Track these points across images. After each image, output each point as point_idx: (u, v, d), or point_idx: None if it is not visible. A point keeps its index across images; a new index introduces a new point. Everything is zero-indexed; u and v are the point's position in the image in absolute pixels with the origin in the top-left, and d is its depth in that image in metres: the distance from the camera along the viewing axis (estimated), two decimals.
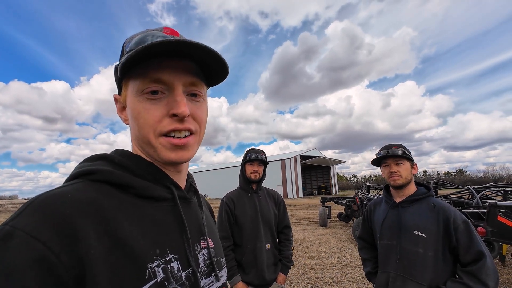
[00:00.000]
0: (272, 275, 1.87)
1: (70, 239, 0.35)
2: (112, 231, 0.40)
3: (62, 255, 0.34)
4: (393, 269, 1.45)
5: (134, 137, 0.52)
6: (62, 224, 0.36)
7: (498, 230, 3.50)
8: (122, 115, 0.54)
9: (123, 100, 0.52)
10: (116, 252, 0.39)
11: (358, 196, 8.04)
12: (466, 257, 1.30)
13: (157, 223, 0.47)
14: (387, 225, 1.53)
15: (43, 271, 0.32)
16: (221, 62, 0.48)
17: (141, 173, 0.49)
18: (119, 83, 0.51)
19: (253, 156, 1.95)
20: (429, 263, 1.35)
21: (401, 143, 1.55)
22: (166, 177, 0.52)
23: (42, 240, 0.33)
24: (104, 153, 0.50)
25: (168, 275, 0.44)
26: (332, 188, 44.81)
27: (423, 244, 1.37)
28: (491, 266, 1.26)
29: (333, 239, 7.18)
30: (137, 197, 0.47)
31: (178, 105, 0.45)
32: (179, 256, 0.47)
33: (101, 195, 0.43)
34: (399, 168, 1.49)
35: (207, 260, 0.55)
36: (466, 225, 1.34)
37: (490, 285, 1.23)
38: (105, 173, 0.45)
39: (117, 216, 0.42)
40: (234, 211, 1.93)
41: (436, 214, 1.40)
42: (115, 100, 0.55)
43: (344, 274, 4.43)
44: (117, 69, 0.46)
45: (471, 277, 1.26)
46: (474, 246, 1.29)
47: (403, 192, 1.52)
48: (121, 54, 0.51)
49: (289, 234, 2.07)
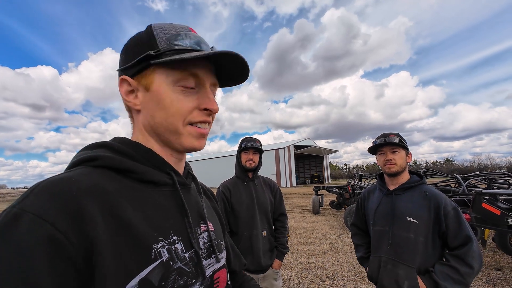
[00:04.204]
0: (268, 261, 1.92)
1: (77, 218, 0.36)
2: (117, 213, 0.41)
3: (69, 234, 0.35)
4: (385, 254, 1.50)
5: (149, 124, 0.51)
6: (68, 204, 0.36)
7: (482, 216, 3.67)
8: (130, 99, 0.51)
9: (143, 85, 0.49)
10: (121, 233, 0.40)
11: (350, 184, 8.21)
12: (454, 242, 1.37)
13: (159, 206, 0.48)
14: (381, 212, 1.57)
15: (52, 250, 0.33)
16: (246, 72, 0.54)
17: (141, 159, 0.50)
18: (138, 67, 0.49)
19: (248, 144, 1.94)
20: (419, 248, 1.40)
21: (397, 132, 1.56)
22: (166, 164, 0.53)
23: (50, 221, 0.34)
24: (103, 141, 0.51)
25: (173, 256, 0.45)
26: (325, 177, 45.64)
27: (415, 230, 1.42)
28: (477, 250, 1.32)
29: (325, 226, 7.39)
30: (138, 181, 0.48)
31: (211, 102, 0.51)
32: (182, 238, 0.49)
33: (104, 179, 0.44)
34: (394, 156, 1.52)
35: (207, 242, 0.57)
36: (455, 211, 1.39)
37: (475, 267, 1.30)
38: (106, 158, 0.46)
39: (120, 199, 0.43)
40: (230, 199, 1.94)
41: (428, 201, 1.44)
42: (122, 82, 0.51)
43: (335, 259, 4.59)
44: (150, 56, 0.47)
45: (458, 260, 1.33)
46: (462, 231, 1.35)
47: (397, 180, 1.55)
48: (150, 41, 0.48)
49: (285, 221, 2.10)
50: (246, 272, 1.87)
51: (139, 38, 0.49)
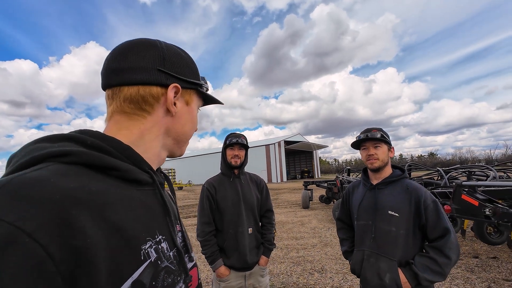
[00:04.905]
0: (255, 258, 1.91)
1: (63, 230, 0.31)
2: (107, 216, 0.38)
3: (51, 248, 0.29)
4: (368, 247, 1.53)
5: (179, 130, 0.59)
6: (52, 213, 0.31)
7: (461, 207, 3.83)
8: (172, 107, 0.58)
9: (185, 98, 0.60)
10: (113, 237, 0.38)
11: (339, 179, 8.38)
12: (433, 233, 1.40)
13: (145, 206, 0.48)
14: (364, 207, 1.59)
15: (28, 270, 0.28)
16: None
17: (119, 156, 0.46)
18: (187, 86, 0.60)
19: (233, 140, 1.91)
20: (401, 241, 1.44)
21: (380, 127, 1.57)
22: (144, 162, 0.53)
23: (28, 231, 0.28)
24: (68, 133, 0.45)
25: (160, 255, 0.46)
26: (315, 172, 46.36)
27: (396, 223, 1.45)
28: (454, 241, 1.36)
29: (314, 220, 7.52)
30: (121, 180, 0.45)
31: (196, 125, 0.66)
32: (166, 237, 0.50)
33: (86, 179, 0.39)
34: (377, 151, 1.53)
35: (182, 242, 0.59)
36: (435, 204, 1.43)
37: (452, 257, 1.34)
38: (82, 154, 0.40)
39: (108, 200, 0.40)
40: (216, 196, 1.91)
41: (409, 195, 1.47)
42: (174, 88, 0.55)
43: (324, 252, 4.68)
44: (200, 85, 0.62)
45: (436, 251, 1.37)
46: (441, 223, 1.39)
47: (379, 175, 1.57)
48: (195, 70, 0.62)
49: (271, 217, 2.10)
50: (232, 270, 1.86)
51: (188, 60, 0.60)
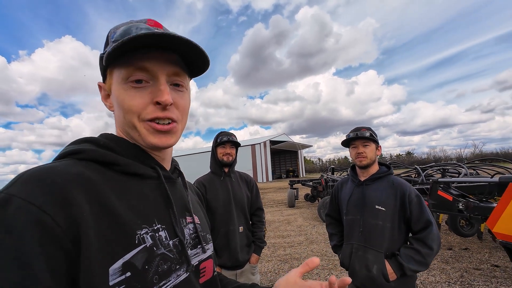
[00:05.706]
0: (246, 256, 1.91)
1: (63, 203, 0.37)
2: (101, 200, 0.42)
3: (57, 217, 0.36)
4: (356, 241, 1.59)
5: (119, 123, 0.54)
6: (54, 190, 0.38)
7: (437, 202, 4.08)
8: (107, 102, 0.56)
9: (108, 88, 0.54)
10: (106, 218, 0.41)
11: (324, 178, 8.58)
12: (417, 226, 1.49)
13: (143, 196, 0.50)
14: (353, 202, 1.65)
15: (41, 233, 0.34)
16: (202, 55, 0.51)
17: (125, 154, 0.51)
18: (103, 72, 0.54)
19: (224, 138, 1.90)
20: (387, 233, 1.51)
21: (369, 126, 1.64)
22: (151, 158, 0.55)
23: (38, 205, 0.35)
24: (90, 136, 0.52)
25: (157, 242, 0.47)
26: (300, 171, 47.15)
27: (383, 217, 1.52)
28: (436, 232, 1.46)
29: (300, 219, 7.65)
30: (122, 173, 0.49)
31: (161, 94, 0.48)
32: (166, 227, 0.50)
33: (89, 170, 0.45)
34: (365, 150, 1.60)
35: (193, 233, 0.58)
36: (418, 198, 1.51)
37: (434, 248, 1.43)
38: (90, 152, 0.47)
39: (105, 188, 0.44)
40: (206, 195, 1.89)
41: (394, 190, 1.55)
42: (99, 88, 0.56)
43: (310, 249, 4.78)
44: (103, 58, 0.49)
45: (419, 242, 1.45)
46: (424, 216, 1.47)
47: (367, 172, 1.64)
48: (105, 44, 0.53)
49: (262, 216, 2.11)
50: (223, 269, 1.85)
51: (108, 36, 0.52)
